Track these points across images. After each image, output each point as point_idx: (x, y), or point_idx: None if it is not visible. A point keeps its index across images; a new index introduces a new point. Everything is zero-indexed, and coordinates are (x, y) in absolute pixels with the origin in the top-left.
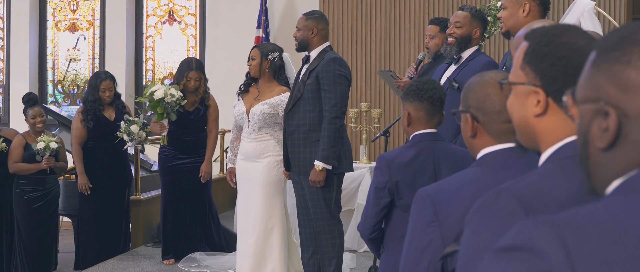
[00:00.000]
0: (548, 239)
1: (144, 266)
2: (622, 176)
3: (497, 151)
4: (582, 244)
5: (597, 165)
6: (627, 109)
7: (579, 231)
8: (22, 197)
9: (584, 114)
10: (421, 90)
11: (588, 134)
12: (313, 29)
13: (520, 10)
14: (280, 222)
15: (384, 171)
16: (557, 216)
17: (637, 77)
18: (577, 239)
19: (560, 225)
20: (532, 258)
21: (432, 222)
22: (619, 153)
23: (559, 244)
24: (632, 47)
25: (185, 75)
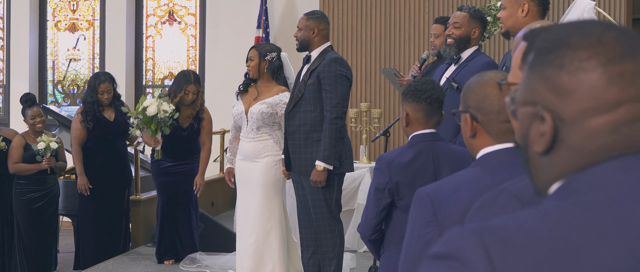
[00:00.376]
0: (473, 248)
1: (144, 266)
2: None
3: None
4: (507, 253)
5: (536, 168)
6: (562, 113)
7: (505, 240)
8: (22, 198)
9: (523, 116)
10: (419, 90)
11: (527, 138)
12: (314, 29)
13: (519, 10)
14: (280, 222)
15: (384, 171)
16: (486, 224)
17: (569, 82)
18: (502, 247)
19: (486, 234)
20: (458, 266)
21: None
22: (556, 158)
23: (483, 254)
24: (565, 50)
25: (183, 89)
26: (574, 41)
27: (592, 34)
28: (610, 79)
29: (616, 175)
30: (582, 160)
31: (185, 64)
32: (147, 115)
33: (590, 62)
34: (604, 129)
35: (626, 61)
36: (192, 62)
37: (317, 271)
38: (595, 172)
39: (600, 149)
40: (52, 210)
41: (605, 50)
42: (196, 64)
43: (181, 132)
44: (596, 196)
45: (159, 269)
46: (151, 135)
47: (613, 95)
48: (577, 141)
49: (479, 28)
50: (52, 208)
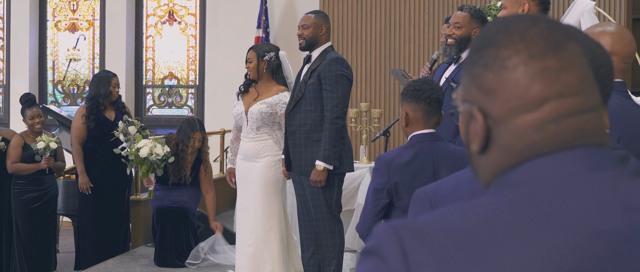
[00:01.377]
0: (389, 244)
1: (144, 266)
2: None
3: None
4: (421, 248)
5: (476, 167)
6: (492, 112)
7: (421, 235)
8: (20, 198)
9: (463, 115)
10: (418, 90)
11: (467, 136)
12: (322, 27)
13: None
14: (279, 222)
15: (383, 172)
16: (406, 220)
17: (494, 81)
18: (417, 243)
19: (403, 229)
20: (377, 262)
21: None
22: (491, 156)
23: (398, 249)
24: (489, 49)
25: (190, 137)
26: (498, 39)
27: (516, 31)
28: (532, 77)
29: (540, 172)
30: (513, 158)
31: (186, 64)
32: (139, 157)
33: (512, 60)
34: (531, 127)
35: (549, 57)
36: (192, 62)
37: (317, 271)
38: (522, 169)
39: (529, 147)
40: (51, 210)
41: (526, 47)
42: (196, 64)
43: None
44: (517, 193)
45: (159, 269)
46: (142, 176)
47: (536, 93)
48: (507, 139)
49: (480, 28)
50: (50, 208)
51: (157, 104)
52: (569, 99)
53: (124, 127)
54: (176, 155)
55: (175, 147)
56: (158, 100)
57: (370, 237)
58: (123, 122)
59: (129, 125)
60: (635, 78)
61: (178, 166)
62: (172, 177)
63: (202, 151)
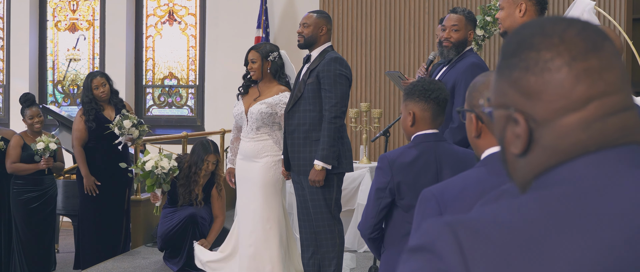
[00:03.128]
0: (445, 240)
1: (144, 266)
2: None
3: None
4: (478, 244)
5: (514, 169)
6: (534, 114)
7: (476, 231)
8: (19, 198)
9: (498, 119)
10: (428, 90)
11: (503, 140)
12: (323, 27)
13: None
14: (279, 222)
15: (386, 171)
16: (458, 216)
17: (537, 84)
18: (473, 239)
19: (458, 225)
20: (431, 258)
21: None
22: (532, 158)
23: (455, 245)
24: (528, 52)
25: (204, 159)
26: (537, 42)
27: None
28: (577, 77)
29: (587, 169)
30: (557, 158)
31: (186, 64)
32: (144, 171)
33: (555, 62)
34: (577, 126)
35: (590, 57)
36: (192, 62)
37: (317, 271)
38: (567, 167)
39: (574, 146)
40: (50, 210)
41: (568, 48)
42: (196, 64)
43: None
44: (566, 189)
45: (158, 269)
46: (147, 190)
47: (581, 93)
48: (551, 140)
49: (473, 30)
50: (49, 208)
51: (157, 104)
52: (612, 97)
53: (119, 121)
54: (188, 177)
55: (188, 169)
56: (158, 100)
57: (417, 233)
58: (119, 116)
59: (124, 118)
60: (635, 78)
61: (189, 188)
62: (181, 199)
63: (215, 173)
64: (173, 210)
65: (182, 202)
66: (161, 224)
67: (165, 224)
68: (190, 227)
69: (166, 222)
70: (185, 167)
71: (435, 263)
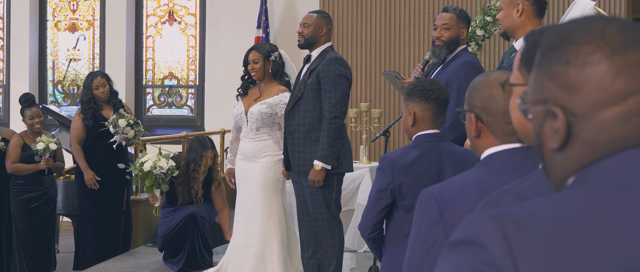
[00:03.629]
0: (490, 233)
1: (144, 266)
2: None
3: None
4: (524, 237)
5: (552, 165)
6: (574, 108)
7: (522, 224)
8: (19, 198)
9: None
10: (428, 90)
11: (541, 136)
12: (323, 28)
13: (514, 10)
14: (279, 222)
15: (387, 171)
16: (503, 209)
17: (577, 77)
18: (520, 232)
19: (504, 218)
20: (476, 251)
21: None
22: (571, 152)
23: (501, 237)
24: (569, 46)
25: (203, 156)
26: (577, 37)
27: (594, 29)
28: (617, 71)
29: (629, 163)
30: (596, 152)
31: (186, 64)
32: (143, 171)
33: (596, 55)
34: (616, 120)
35: (630, 52)
36: (192, 62)
37: (317, 271)
38: (608, 161)
39: (614, 140)
40: (50, 210)
41: (608, 43)
42: (196, 64)
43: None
44: (608, 183)
45: (158, 269)
46: (146, 191)
47: (621, 86)
48: (590, 134)
49: (465, 28)
50: (49, 208)
51: (157, 104)
52: None
53: (114, 119)
54: (187, 175)
55: (186, 167)
56: (158, 100)
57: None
58: (115, 115)
59: (119, 117)
60: None
61: (188, 186)
62: (180, 197)
63: (213, 169)
64: (173, 210)
65: (181, 201)
66: (161, 224)
67: (165, 224)
68: (191, 227)
69: (166, 222)
70: (182, 165)
71: (481, 256)
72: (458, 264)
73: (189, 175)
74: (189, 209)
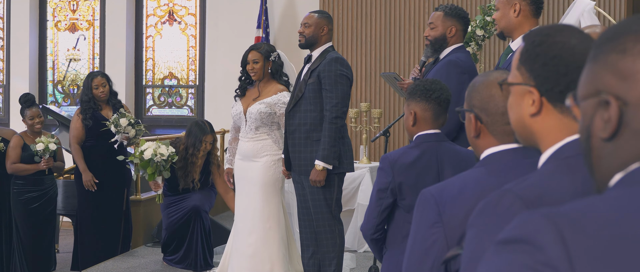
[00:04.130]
0: (546, 232)
1: (144, 266)
2: (624, 167)
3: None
4: (580, 237)
5: (599, 157)
6: (627, 97)
7: (577, 224)
8: (19, 198)
9: (586, 109)
10: (429, 90)
11: (591, 128)
12: (324, 28)
13: (511, 10)
14: (279, 221)
15: (387, 171)
16: (556, 208)
17: (633, 65)
18: (575, 231)
19: (559, 217)
20: (530, 250)
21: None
22: (621, 143)
23: (557, 237)
24: (626, 36)
25: (203, 140)
26: (636, 27)
27: None
28: None
29: None
30: None
31: (186, 64)
32: (144, 159)
33: None
34: None
35: None
36: (192, 62)
37: (317, 270)
38: None
39: None
40: (50, 210)
41: None
42: (196, 64)
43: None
44: None
45: (158, 269)
46: (148, 179)
47: None
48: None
49: (456, 25)
50: (49, 208)
51: (157, 104)
52: None
53: (116, 119)
54: (185, 159)
55: (185, 151)
56: (158, 100)
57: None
58: (116, 114)
59: (121, 117)
60: None
61: (187, 170)
62: (181, 182)
63: (211, 153)
64: (175, 200)
65: (183, 185)
66: (165, 215)
67: (169, 215)
68: (194, 221)
69: (170, 213)
70: (181, 150)
71: (535, 255)
72: (510, 262)
73: (188, 159)
74: (192, 200)
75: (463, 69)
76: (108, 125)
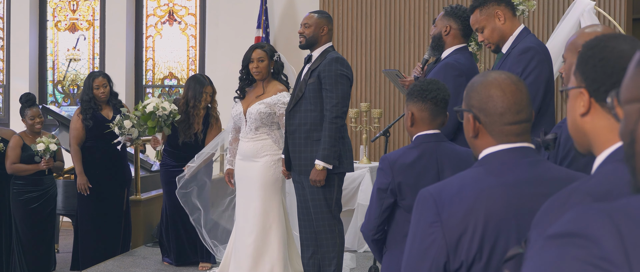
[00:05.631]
0: (602, 226)
1: (144, 266)
2: None
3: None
4: (636, 231)
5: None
6: None
7: (633, 218)
8: (19, 198)
9: (630, 113)
10: (425, 90)
11: (635, 133)
12: (324, 28)
13: (496, 20)
14: (279, 221)
15: (387, 172)
16: (610, 203)
17: None
18: (632, 226)
19: (615, 212)
20: (586, 244)
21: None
22: None
23: (613, 231)
24: None
25: (203, 92)
26: None
27: None
28: None
29: None
30: None
31: (185, 64)
32: (145, 113)
33: None
34: None
35: None
36: (192, 62)
37: (317, 270)
38: None
39: None
40: (50, 210)
41: None
42: (196, 64)
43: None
44: None
45: (158, 269)
46: (149, 133)
47: None
48: None
49: (452, 25)
50: (49, 208)
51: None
52: None
53: (119, 121)
54: (187, 113)
55: (185, 105)
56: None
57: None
58: (120, 116)
59: (124, 118)
60: None
61: (189, 122)
62: (181, 135)
63: (211, 107)
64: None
65: (183, 139)
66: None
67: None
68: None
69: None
70: (182, 104)
71: (591, 249)
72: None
73: (189, 112)
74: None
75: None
76: (112, 127)
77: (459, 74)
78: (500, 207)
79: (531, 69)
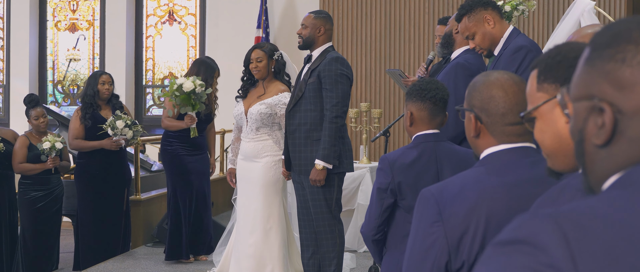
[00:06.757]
0: (549, 232)
1: (144, 266)
2: (619, 172)
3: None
4: (583, 237)
5: (593, 162)
6: (623, 106)
7: (580, 224)
8: (25, 197)
9: (579, 111)
10: (424, 90)
11: (584, 131)
12: (320, 28)
13: (485, 25)
14: (279, 222)
15: (387, 172)
16: (557, 209)
17: (632, 76)
18: (578, 232)
19: (561, 218)
20: (533, 251)
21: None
22: (615, 150)
23: (560, 237)
24: (626, 44)
25: (214, 77)
26: (636, 36)
27: None
28: None
29: None
30: None
31: (185, 64)
32: (184, 92)
33: None
34: None
35: None
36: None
37: (317, 271)
38: None
39: None
40: (55, 209)
41: None
42: None
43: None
44: None
45: (158, 269)
46: (182, 111)
47: None
48: (638, 133)
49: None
50: (55, 207)
51: (157, 104)
52: None
53: (112, 121)
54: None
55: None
56: (158, 100)
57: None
58: (113, 116)
59: (117, 119)
60: None
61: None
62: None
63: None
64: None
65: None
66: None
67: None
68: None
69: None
70: None
71: (537, 256)
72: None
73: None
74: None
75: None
76: (105, 128)
77: (470, 74)
78: (501, 207)
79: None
